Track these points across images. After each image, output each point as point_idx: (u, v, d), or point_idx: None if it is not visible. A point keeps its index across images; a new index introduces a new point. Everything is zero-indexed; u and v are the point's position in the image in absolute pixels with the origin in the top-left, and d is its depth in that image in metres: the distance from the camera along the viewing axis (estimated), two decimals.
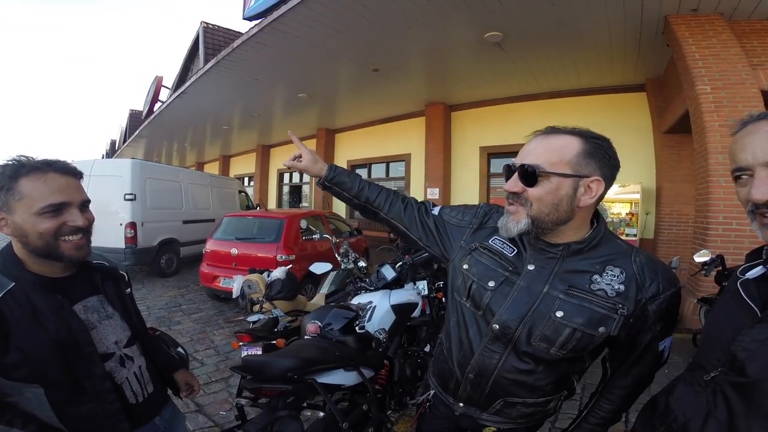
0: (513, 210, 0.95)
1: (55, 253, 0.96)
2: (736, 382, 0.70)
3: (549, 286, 0.95)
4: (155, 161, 14.75)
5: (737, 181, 0.74)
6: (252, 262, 4.73)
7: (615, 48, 5.63)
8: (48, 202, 0.93)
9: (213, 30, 10.68)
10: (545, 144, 0.93)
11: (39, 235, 0.93)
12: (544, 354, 0.95)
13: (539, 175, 0.89)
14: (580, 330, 0.91)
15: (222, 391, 2.96)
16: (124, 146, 18.83)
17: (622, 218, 6.70)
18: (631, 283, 0.92)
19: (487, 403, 1.04)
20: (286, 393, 1.45)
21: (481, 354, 1.01)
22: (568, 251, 0.96)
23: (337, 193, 1.27)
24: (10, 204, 0.92)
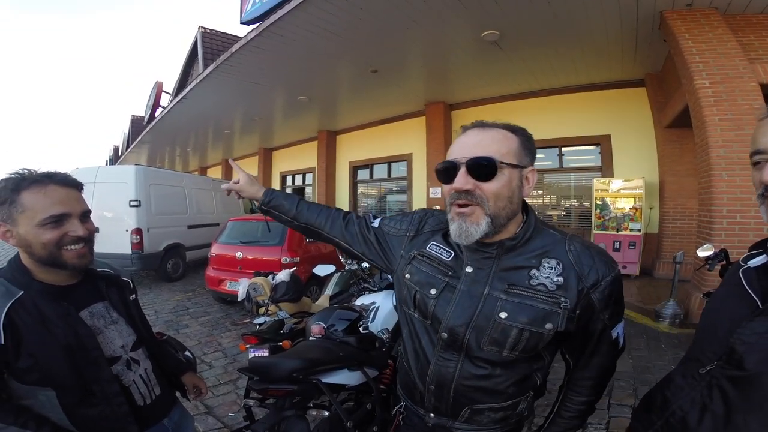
0: (469, 212, 0.87)
1: (58, 262, 1.00)
2: (733, 375, 0.69)
3: (489, 287, 0.91)
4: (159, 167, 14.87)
5: (755, 166, 0.73)
6: (257, 265, 4.77)
7: (612, 44, 5.63)
8: (49, 214, 0.97)
9: (211, 35, 10.74)
10: (487, 136, 0.89)
11: (42, 245, 0.97)
12: (496, 357, 0.92)
13: (498, 166, 0.84)
14: (527, 330, 0.88)
15: (230, 393, 3.00)
16: (127, 152, 18.96)
17: (625, 213, 6.70)
18: (570, 273, 0.89)
19: (455, 412, 0.99)
20: (292, 393, 1.49)
21: (436, 364, 0.97)
22: (502, 249, 0.92)
23: (276, 217, 1.26)
24: (14, 216, 0.96)
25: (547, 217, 8.41)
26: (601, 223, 6.88)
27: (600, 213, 6.89)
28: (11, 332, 0.92)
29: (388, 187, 11.48)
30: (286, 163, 14.90)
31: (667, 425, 0.79)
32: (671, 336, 4.00)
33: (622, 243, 6.65)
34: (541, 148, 8.22)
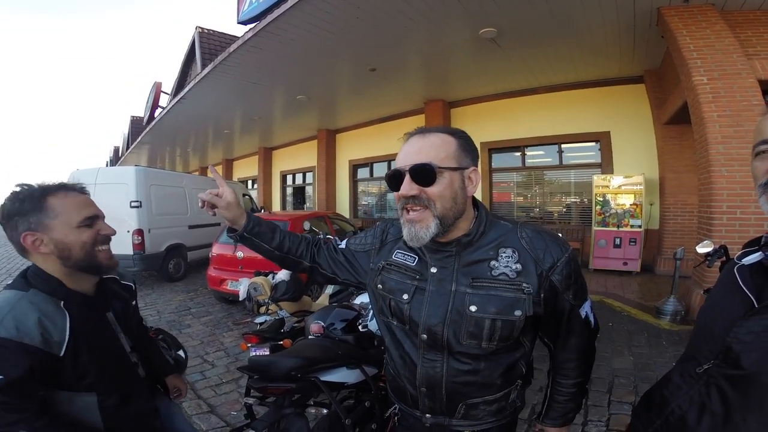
0: (417, 216, 0.91)
1: (94, 263, 1.04)
2: (730, 374, 0.69)
3: (455, 284, 0.95)
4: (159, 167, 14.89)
5: (757, 156, 0.72)
6: (257, 265, 4.76)
7: (610, 40, 5.62)
8: (84, 215, 1.03)
9: (209, 35, 10.72)
10: (427, 143, 0.92)
11: (82, 245, 1.01)
12: (477, 350, 0.95)
13: (436, 171, 0.88)
14: (498, 319, 0.92)
15: (233, 392, 3.01)
16: (127, 153, 18.99)
17: (626, 209, 6.70)
18: (527, 259, 0.94)
19: (450, 409, 1.02)
20: (291, 391, 1.50)
21: (423, 366, 1.00)
22: (460, 246, 0.96)
23: (255, 245, 1.15)
24: (46, 223, 0.98)
25: (548, 213, 8.42)
26: (602, 220, 6.88)
27: (600, 209, 6.89)
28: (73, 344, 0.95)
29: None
30: (286, 163, 14.91)
31: (666, 424, 0.80)
32: (672, 333, 4.01)
33: (623, 239, 6.65)
34: (541, 145, 8.24)
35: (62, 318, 0.96)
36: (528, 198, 8.77)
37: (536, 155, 8.54)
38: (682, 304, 4.38)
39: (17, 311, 0.91)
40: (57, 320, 0.95)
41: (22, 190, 1.00)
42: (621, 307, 4.91)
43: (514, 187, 8.87)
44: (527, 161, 8.59)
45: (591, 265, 6.93)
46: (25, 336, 0.89)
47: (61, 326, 0.95)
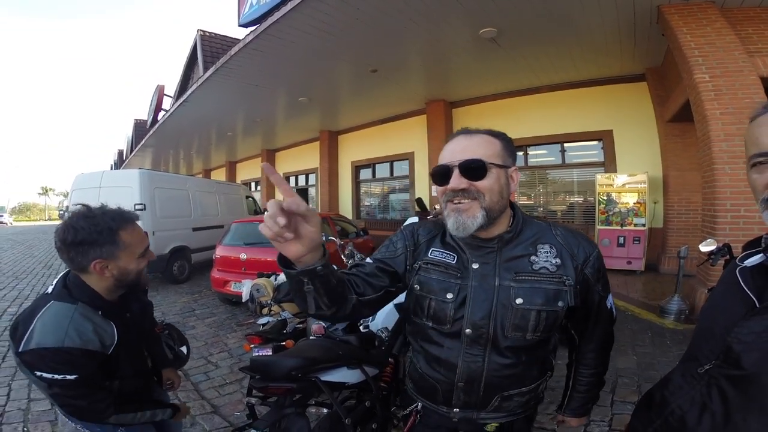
0: (465, 207, 0.94)
1: (137, 283, 1.28)
2: (731, 375, 0.69)
3: (499, 279, 0.99)
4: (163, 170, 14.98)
5: (754, 167, 0.69)
6: (261, 266, 4.80)
7: (610, 39, 5.61)
8: (143, 248, 1.26)
9: (210, 37, 10.80)
10: (475, 141, 0.97)
11: (138, 272, 1.25)
12: (521, 342, 0.99)
13: (487, 167, 0.93)
14: (543, 310, 0.97)
15: (236, 393, 3.03)
16: (131, 156, 19.12)
17: (630, 208, 6.67)
18: (563, 254, 1.00)
19: (485, 402, 1.05)
20: (292, 391, 1.51)
21: (463, 362, 1.02)
22: (502, 242, 1.01)
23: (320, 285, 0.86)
24: (116, 253, 1.18)
25: (551, 212, 8.39)
26: (605, 219, 6.85)
27: (604, 208, 6.86)
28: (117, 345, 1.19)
29: (391, 186, 11.50)
30: (288, 164, 14.96)
31: (666, 424, 0.80)
32: (676, 332, 3.98)
33: (627, 238, 6.62)
34: (544, 144, 8.22)
35: (110, 326, 1.19)
36: (531, 197, 8.75)
37: (539, 154, 8.52)
38: (686, 302, 4.35)
39: (76, 323, 1.11)
40: (107, 328, 1.18)
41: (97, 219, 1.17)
42: (625, 307, 4.89)
43: (517, 186, 8.85)
44: (530, 161, 8.58)
45: None
46: (89, 343, 1.11)
47: (110, 333, 1.18)
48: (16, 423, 2.58)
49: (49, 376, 1.06)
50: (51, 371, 1.06)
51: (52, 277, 8.00)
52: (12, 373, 3.31)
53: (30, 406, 2.80)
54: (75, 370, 1.08)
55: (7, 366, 3.47)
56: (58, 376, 1.06)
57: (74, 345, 1.07)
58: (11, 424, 2.57)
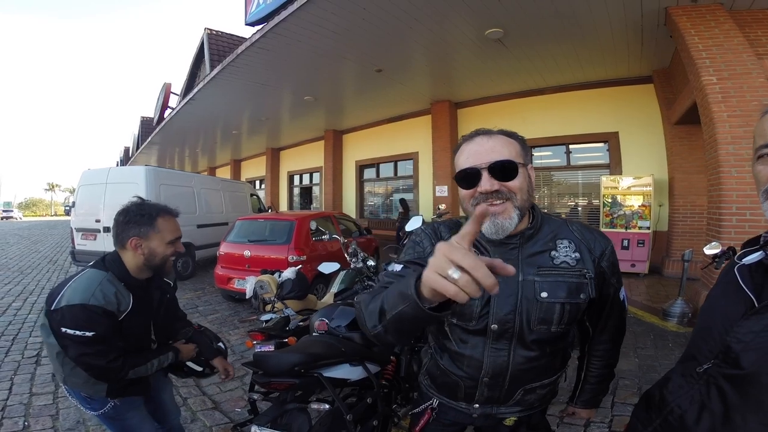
0: (500, 209, 0.94)
1: (161, 268, 1.45)
2: (730, 374, 0.68)
3: (522, 274, 0.99)
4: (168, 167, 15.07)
5: (759, 159, 0.70)
6: (264, 264, 4.84)
7: (617, 41, 5.59)
8: (174, 236, 1.44)
9: (217, 36, 10.84)
10: (498, 142, 0.97)
11: (163, 256, 1.42)
12: (546, 335, 1.01)
13: (518, 166, 0.94)
14: (567, 303, 0.99)
15: (237, 389, 3.05)
16: (137, 153, 19.24)
17: (634, 211, 6.63)
18: (582, 248, 1.03)
19: (508, 396, 1.07)
20: (294, 387, 1.52)
21: (489, 357, 1.03)
22: (524, 238, 1.01)
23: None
24: (149, 234, 1.39)
25: (555, 215, 8.36)
26: (610, 221, 6.82)
27: (608, 211, 6.83)
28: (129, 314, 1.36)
29: (395, 185, 11.51)
30: (293, 163, 15.00)
31: (665, 423, 0.80)
32: (679, 335, 3.96)
33: (631, 241, 6.59)
34: (549, 145, 8.20)
35: (129, 295, 1.37)
36: (535, 199, 8.71)
37: (544, 156, 8.49)
38: (690, 306, 4.33)
39: (103, 286, 1.31)
40: (126, 296, 1.36)
41: (144, 206, 1.42)
42: (628, 309, 4.86)
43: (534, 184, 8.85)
44: (534, 162, 8.45)
45: None
46: (109, 305, 1.30)
47: (127, 301, 1.36)
48: (17, 417, 2.59)
49: (72, 332, 1.24)
50: (74, 327, 1.24)
51: (57, 273, 8.07)
52: (15, 368, 3.35)
53: (32, 400, 2.82)
54: (94, 327, 1.26)
55: (10, 360, 3.52)
56: (78, 333, 1.24)
57: (97, 303, 1.27)
58: (12, 418, 2.58)
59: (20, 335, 4.18)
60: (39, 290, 6.37)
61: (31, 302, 5.57)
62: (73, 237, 6.97)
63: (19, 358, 3.56)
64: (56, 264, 9.26)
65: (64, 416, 2.61)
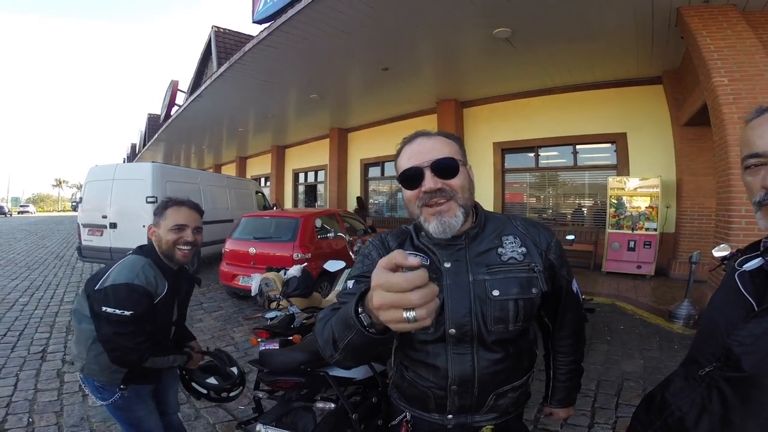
0: (445, 207, 0.93)
1: (170, 255, 1.53)
2: (731, 377, 0.69)
3: (472, 274, 0.98)
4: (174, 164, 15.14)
5: (747, 169, 0.72)
6: (269, 261, 4.85)
7: (627, 41, 5.53)
8: (175, 223, 1.51)
9: (224, 34, 10.88)
10: (438, 142, 0.98)
11: (166, 242, 1.51)
12: (506, 334, 0.98)
13: (459, 164, 0.94)
14: (520, 299, 0.97)
15: None
16: (144, 150, 19.37)
17: (641, 212, 6.59)
18: (527, 242, 1.03)
19: (480, 403, 1.03)
20: (300, 385, 1.53)
21: (453, 364, 0.99)
22: (469, 237, 1.01)
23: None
24: (160, 223, 1.53)
25: (561, 215, 8.32)
26: (616, 222, 6.78)
27: (615, 212, 6.78)
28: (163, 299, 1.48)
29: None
30: (298, 161, 15.03)
31: (664, 426, 0.80)
32: (685, 337, 3.93)
33: (637, 242, 6.55)
34: (555, 145, 8.15)
35: (164, 281, 1.50)
36: (541, 199, 8.68)
37: (550, 156, 8.44)
38: (696, 308, 4.29)
39: (145, 269, 1.45)
40: (162, 281, 1.49)
41: (165, 200, 1.59)
42: (633, 311, 4.83)
43: (527, 187, 8.79)
44: (541, 162, 8.50)
45: (604, 268, 6.84)
46: (150, 286, 1.43)
47: (162, 285, 1.49)
48: (21, 413, 2.60)
49: (111, 311, 1.35)
50: (115, 306, 1.36)
51: (63, 268, 8.16)
52: (20, 364, 3.38)
53: (36, 396, 2.83)
54: (134, 307, 1.37)
55: (16, 356, 3.55)
56: (118, 311, 1.35)
57: (141, 284, 1.40)
58: (17, 414, 2.60)
59: (26, 331, 4.22)
60: (45, 286, 6.43)
61: (37, 298, 5.62)
62: (80, 233, 7.02)
63: (24, 354, 3.59)
64: (63, 259, 9.35)
65: (69, 413, 2.62)
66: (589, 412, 2.59)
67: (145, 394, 1.60)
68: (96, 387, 1.51)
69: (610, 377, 3.08)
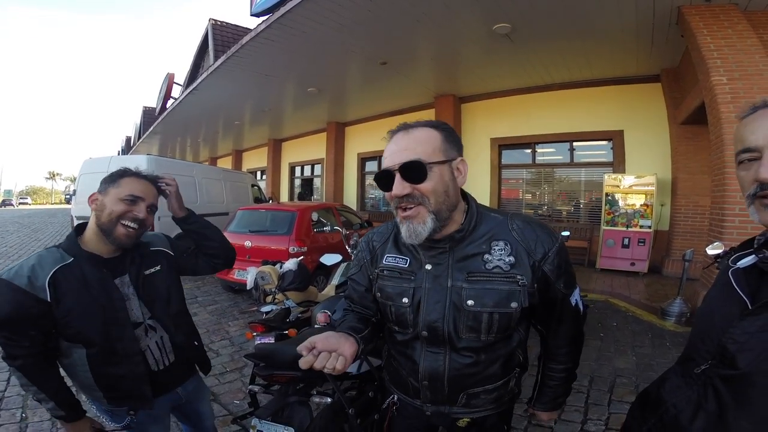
0: (413, 213, 0.91)
1: (109, 231, 1.21)
2: (726, 375, 0.70)
3: (451, 279, 0.96)
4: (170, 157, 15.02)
5: (740, 165, 0.73)
6: (265, 254, 4.83)
7: (627, 38, 5.52)
8: (128, 192, 1.23)
9: (222, 27, 10.78)
10: (413, 139, 0.92)
11: (109, 213, 1.20)
12: (477, 343, 0.97)
13: (427, 167, 0.88)
14: (495, 312, 0.94)
15: (236, 381, 3.06)
16: (139, 142, 19.20)
17: (636, 209, 6.62)
18: (519, 251, 0.95)
19: (452, 399, 1.04)
20: (296, 379, 1.52)
21: (425, 361, 1.01)
22: (453, 241, 0.97)
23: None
24: (108, 190, 1.24)
25: (556, 211, 8.36)
26: (611, 219, 6.82)
27: (610, 209, 6.82)
28: (54, 290, 1.12)
29: None
30: (295, 154, 14.97)
31: (660, 423, 0.81)
32: (677, 334, 3.98)
33: (632, 239, 6.59)
34: (552, 142, 8.17)
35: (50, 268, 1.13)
36: (537, 195, 8.72)
37: (547, 152, 8.46)
38: (688, 305, 4.34)
39: (27, 261, 1.14)
40: (46, 269, 1.13)
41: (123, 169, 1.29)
42: (626, 308, 4.88)
43: (523, 184, 8.81)
44: (537, 158, 8.52)
45: (598, 265, 6.88)
46: (16, 278, 1.09)
47: (45, 274, 1.12)
48: (14, 408, 2.58)
49: None
50: None
51: None
52: None
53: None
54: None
55: None
56: None
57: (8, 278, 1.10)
58: (9, 409, 2.57)
59: None
60: None
61: None
62: (73, 225, 6.96)
63: None
64: None
65: None
66: (582, 408, 2.62)
67: (161, 414, 1.39)
68: (104, 410, 1.30)
69: (603, 374, 3.11)
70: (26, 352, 1.13)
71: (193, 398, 1.49)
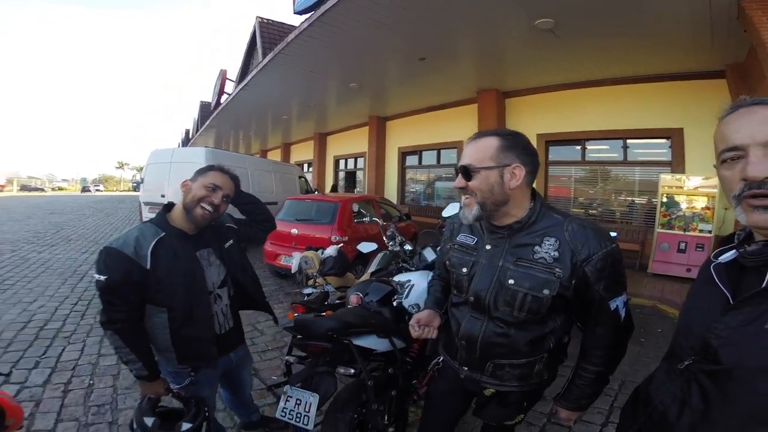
0: (467, 202, 1.16)
1: (190, 209, 1.47)
2: (709, 370, 0.70)
3: (503, 260, 1.17)
4: (224, 149, 15.94)
5: (723, 164, 0.71)
6: (309, 242, 5.09)
7: (683, 33, 5.13)
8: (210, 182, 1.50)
9: (268, 24, 11.17)
10: (474, 147, 1.16)
11: (193, 196, 1.47)
12: (509, 317, 1.16)
13: (472, 171, 1.12)
14: (529, 293, 1.11)
15: (276, 359, 3.27)
16: (197, 135, 20.51)
17: (696, 213, 6.17)
18: (565, 249, 1.09)
19: (481, 365, 1.24)
20: (326, 351, 1.68)
21: (467, 323, 1.24)
22: (511, 230, 1.17)
23: None
24: (197, 178, 1.52)
25: (609, 212, 7.94)
26: (667, 222, 6.39)
27: (666, 211, 6.39)
28: (154, 259, 1.36)
29: (437, 173, 11.44)
30: (339, 148, 15.33)
31: (649, 421, 0.82)
32: None
33: (689, 244, 6.16)
34: (604, 139, 7.76)
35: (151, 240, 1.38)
36: (588, 194, 8.30)
37: (598, 149, 8.04)
38: None
39: (131, 233, 1.38)
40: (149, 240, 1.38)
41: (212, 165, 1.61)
42: (674, 314, 4.60)
43: (572, 181, 8.42)
44: (588, 155, 8.12)
45: (650, 269, 6.49)
46: (125, 247, 1.33)
47: (148, 244, 1.36)
48: (84, 376, 2.88)
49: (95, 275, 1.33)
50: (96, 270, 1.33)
51: None
52: (87, 330, 3.70)
53: (99, 360, 3.13)
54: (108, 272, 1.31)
55: (84, 323, 3.89)
56: (96, 275, 1.32)
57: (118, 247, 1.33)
58: (80, 376, 2.87)
59: (94, 300, 4.57)
60: None
61: None
62: (141, 210, 7.68)
63: (92, 322, 3.91)
64: None
65: (124, 376, 2.85)
66: (606, 410, 2.57)
67: (214, 378, 1.61)
68: (169, 372, 1.50)
69: (636, 379, 3.00)
70: (124, 316, 1.33)
71: (240, 364, 1.77)
